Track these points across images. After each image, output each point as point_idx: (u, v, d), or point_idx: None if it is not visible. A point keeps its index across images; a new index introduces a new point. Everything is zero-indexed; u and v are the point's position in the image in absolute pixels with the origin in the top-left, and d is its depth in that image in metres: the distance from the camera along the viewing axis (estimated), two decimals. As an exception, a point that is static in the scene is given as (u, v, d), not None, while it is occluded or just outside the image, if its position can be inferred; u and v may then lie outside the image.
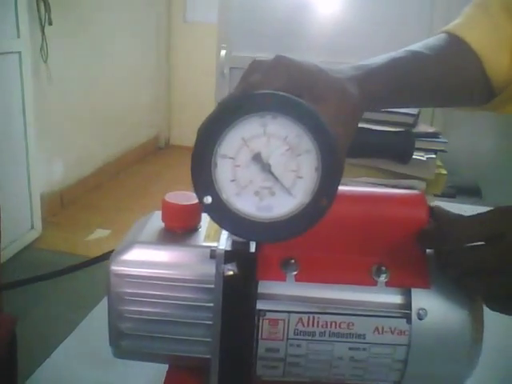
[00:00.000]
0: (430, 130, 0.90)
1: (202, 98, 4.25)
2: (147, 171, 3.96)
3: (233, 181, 0.32)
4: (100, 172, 3.45)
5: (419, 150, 0.84)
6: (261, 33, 2.15)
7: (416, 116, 0.87)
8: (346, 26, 2.06)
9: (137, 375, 0.51)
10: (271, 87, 0.34)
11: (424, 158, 0.83)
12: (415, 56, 0.46)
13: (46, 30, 2.58)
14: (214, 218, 0.33)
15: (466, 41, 0.49)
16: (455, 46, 0.49)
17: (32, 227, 2.59)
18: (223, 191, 0.32)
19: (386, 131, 0.41)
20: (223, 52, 2.18)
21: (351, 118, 0.38)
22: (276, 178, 0.32)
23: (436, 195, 0.92)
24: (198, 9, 4.16)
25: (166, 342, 0.43)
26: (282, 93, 0.32)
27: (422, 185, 0.87)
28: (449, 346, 0.42)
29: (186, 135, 4.50)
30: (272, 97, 0.31)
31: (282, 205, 0.32)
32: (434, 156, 0.86)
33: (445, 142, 0.87)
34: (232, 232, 0.35)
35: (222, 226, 0.34)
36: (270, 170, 0.32)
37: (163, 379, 0.47)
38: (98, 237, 2.76)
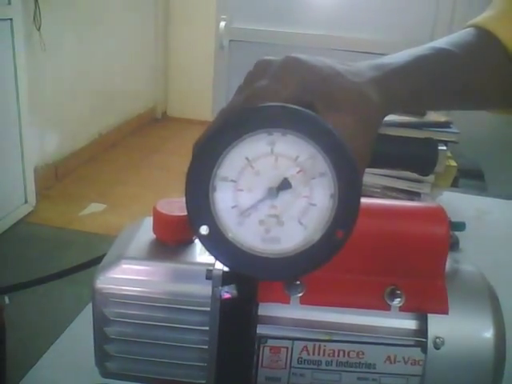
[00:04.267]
0: (442, 119, 0.85)
1: (199, 69, 4.16)
2: (143, 143, 3.89)
3: (234, 207, 0.28)
4: (95, 144, 3.39)
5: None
6: (261, 4, 2.07)
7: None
8: (344, 5, 1.98)
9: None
10: (280, 96, 0.29)
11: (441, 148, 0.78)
12: (442, 54, 0.41)
13: (38, -2, 2.48)
14: (211, 251, 0.28)
15: (498, 37, 0.44)
16: (485, 42, 0.44)
17: (26, 201, 2.55)
18: (223, 220, 0.28)
19: (406, 138, 0.37)
20: (222, 24, 2.10)
21: (372, 128, 0.33)
22: (285, 206, 0.27)
23: (442, 188, 0.88)
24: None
25: (157, 366, 0.39)
26: (293, 106, 0.27)
27: (431, 178, 0.83)
28: (467, 378, 0.38)
29: (184, 107, 4.42)
30: (282, 110, 0.26)
31: (290, 237, 0.28)
32: (444, 148, 0.81)
33: (457, 133, 0.83)
34: (232, 268, 0.31)
35: (221, 260, 0.30)
36: (277, 196, 0.27)
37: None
38: (92, 211, 2.72)
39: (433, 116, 0.86)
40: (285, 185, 0.27)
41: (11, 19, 2.25)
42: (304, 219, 0.28)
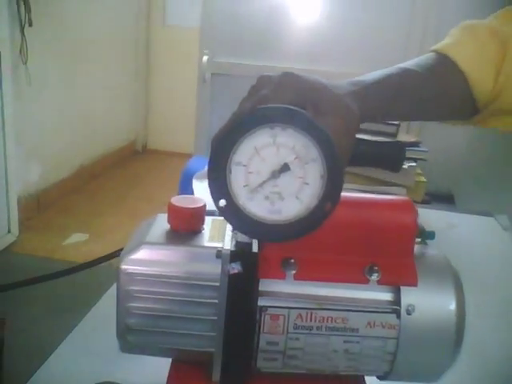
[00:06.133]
0: (411, 139, 0.95)
1: (179, 103, 4.27)
2: (125, 175, 3.95)
3: (245, 186, 0.35)
4: (77, 176, 3.43)
5: (400, 158, 0.88)
6: (242, 39, 2.19)
7: (397, 126, 0.91)
8: (323, 34, 2.11)
9: (139, 370, 0.53)
10: (280, 101, 0.37)
11: (405, 167, 0.87)
12: (407, 73, 0.50)
13: (26, 31, 2.56)
14: (228, 219, 0.36)
15: (454, 60, 0.53)
16: (444, 64, 0.53)
17: (9, 231, 2.57)
18: (237, 195, 0.35)
19: (380, 142, 0.45)
20: (205, 58, 2.21)
21: (351, 129, 0.41)
22: (285, 185, 0.35)
23: (415, 201, 0.97)
24: (178, 13, 4.18)
25: (172, 337, 0.45)
26: (290, 107, 0.35)
27: (403, 192, 0.92)
28: (434, 339, 0.45)
29: (163, 140, 4.51)
30: (282, 110, 0.35)
31: (290, 208, 0.36)
32: (414, 164, 0.91)
33: (425, 151, 0.92)
34: (244, 232, 0.38)
35: (235, 226, 0.37)
36: (279, 177, 0.35)
37: (164, 375, 0.49)
38: (75, 241, 2.75)
39: (404, 137, 0.95)
40: (285, 168, 0.35)
41: (-1, 52, 2.32)
42: (300, 195, 0.36)
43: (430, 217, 1.10)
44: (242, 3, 2.16)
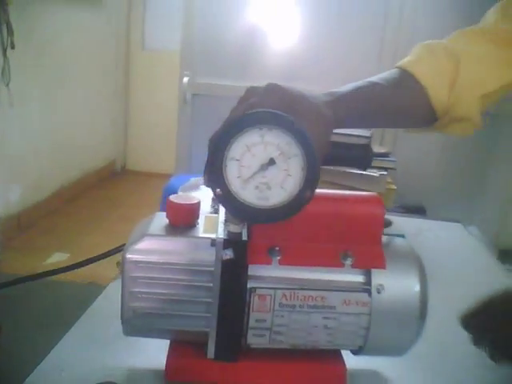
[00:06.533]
0: (382, 150, 1.03)
1: (158, 124, 4.34)
2: (104, 196, 3.97)
3: (239, 177, 0.42)
4: (57, 196, 3.45)
5: (372, 167, 0.96)
6: (222, 61, 2.27)
7: (370, 138, 0.99)
8: (299, 55, 2.21)
9: (140, 355, 0.59)
10: (266, 107, 0.44)
11: (377, 175, 0.95)
12: (374, 86, 0.58)
13: (8, 54, 2.61)
14: (224, 205, 0.42)
15: (415, 75, 0.62)
16: (406, 79, 0.62)
17: (-10, 251, 2.57)
18: (231, 185, 0.42)
19: (351, 144, 0.52)
20: (186, 79, 2.28)
21: (326, 132, 0.49)
22: (271, 176, 0.42)
23: (386, 208, 1.05)
24: (157, 36, 4.27)
25: (171, 318, 0.51)
26: (276, 111, 0.42)
27: (375, 198, 0.99)
28: (401, 315, 0.52)
29: (142, 161, 4.56)
30: (269, 114, 0.42)
31: (276, 196, 0.42)
32: (385, 173, 0.99)
33: (394, 161, 1.00)
34: (238, 216, 0.45)
35: (230, 211, 0.44)
36: (267, 170, 0.42)
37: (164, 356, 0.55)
38: (56, 260, 2.76)
39: (376, 148, 1.03)
40: (271, 162, 0.42)
41: (-19, 75, 2.36)
42: (284, 184, 0.42)
43: (401, 223, 1.18)
44: (221, 26, 2.25)
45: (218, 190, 0.41)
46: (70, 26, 3.41)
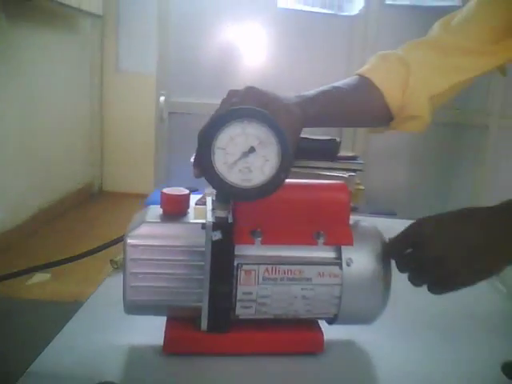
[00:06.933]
0: (350, 154, 1.12)
1: (133, 146, 4.40)
2: (82, 217, 3.99)
3: (225, 163, 0.50)
4: (35, 219, 3.46)
5: (342, 169, 1.05)
6: (197, 80, 2.36)
7: (339, 143, 1.08)
8: (270, 72, 2.31)
9: (138, 335, 0.65)
10: (246, 105, 0.52)
11: (346, 176, 1.04)
12: (337, 90, 0.67)
13: (-16, 79, 2.65)
14: (213, 186, 0.50)
15: (372, 80, 0.71)
16: (365, 83, 0.71)
17: (-30, 273, 2.57)
18: (219, 170, 0.50)
19: (319, 139, 0.61)
20: (162, 98, 2.36)
21: (295, 127, 0.57)
22: (252, 162, 0.50)
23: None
24: (130, 60, 4.35)
25: (168, 295, 0.58)
26: (255, 107, 0.50)
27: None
28: (368, 285, 0.60)
29: (119, 182, 4.60)
30: (249, 110, 0.50)
31: (256, 178, 0.50)
32: (354, 174, 1.08)
33: (362, 164, 1.09)
34: (225, 195, 0.53)
35: (219, 191, 0.51)
36: (248, 156, 0.50)
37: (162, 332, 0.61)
38: (38, 281, 2.77)
39: (344, 152, 1.12)
40: (251, 150, 0.50)
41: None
42: (263, 168, 0.50)
43: (371, 222, 1.27)
44: (195, 46, 2.35)
45: (207, 174, 0.49)
46: (46, 51, 3.47)
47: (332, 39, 2.27)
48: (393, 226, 1.25)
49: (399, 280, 0.62)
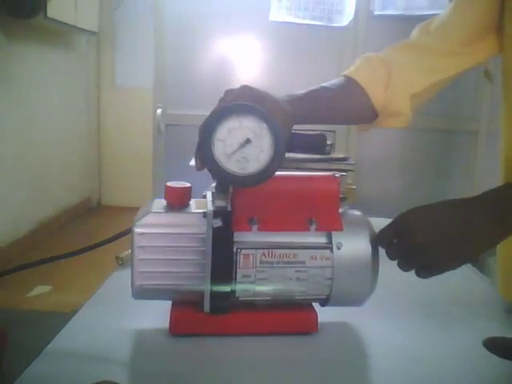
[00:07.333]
0: (341, 155, 1.17)
1: (130, 160, 4.46)
2: (81, 231, 4.03)
3: (224, 154, 0.55)
4: (35, 233, 3.50)
5: (334, 170, 1.10)
6: (192, 92, 2.43)
7: (331, 145, 1.14)
8: (265, 83, 2.37)
9: (145, 320, 0.70)
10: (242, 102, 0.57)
11: (338, 176, 1.09)
12: (325, 90, 0.74)
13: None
14: (213, 174, 0.56)
15: (356, 80, 0.77)
16: (350, 83, 0.77)
17: (-29, 287, 2.61)
18: (218, 159, 0.55)
19: (309, 134, 0.66)
20: (159, 111, 2.43)
21: (286, 122, 0.63)
22: (249, 152, 0.55)
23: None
24: (127, 74, 4.43)
25: (173, 279, 0.63)
26: (250, 103, 0.56)
27: (338, 196, 1.13)
28: (358, 268, 0.65)
29: (117, 196, 4.65)
30: (245, 106, 0.55)
31: (252, 167, 0.56)
32: (345, 174, 1.13)
33: (353, 164, 1.14)
34: (224, 182, 0.58)
35: (219, 179, 0.57)
36: (245, 147, 0.55)
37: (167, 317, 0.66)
38: (39, 293, 2.81)
39: (336, 154, 1.18)
40: (248, 141, 0.56)
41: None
42: (259, 158, 0.56)
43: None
44: (191, 59, 2.42)
45: (208, 164, 0.55)
46: (43, 67, 3.54)
47: (322, 50, 2.34)
48: (379, 224, 1.31)
49: (387, 266, 0.67)
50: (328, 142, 1.10)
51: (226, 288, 0.63)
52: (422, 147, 2.42)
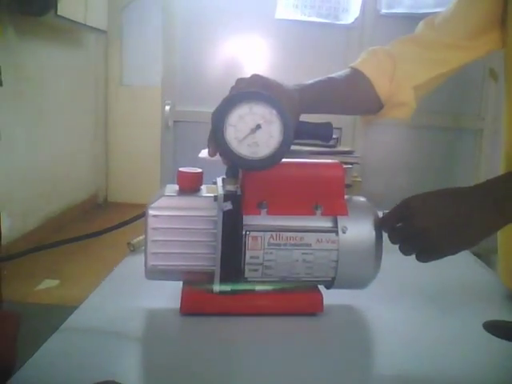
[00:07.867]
0: (347, 148, 1.20)
1: (137, 157, 4.49)
2: (88, 227, 4.05)
3: (235, 138, 0.58)
4: (43, 228, 3.54)
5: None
6: (200, 89, 2.45)
7: (337, 139, 1.16)
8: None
9: (157, 301, 0.72)
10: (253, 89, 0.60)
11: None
12: (331, 80, 0.76)
13: (-4, 91, 2.75)
14: (226, 158, 0.58)
15: (363, 72, 0.80)
16: (356, 75, 0.80)
17: (-20, 280, 2.64)
18: (230, 144, 0.58)
19: (315, 122, 0.69)
20: (167, 107, 2.45)
21: (294, 109, 0.66)
22: (259, 137, 0.58)
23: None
24: (134, 72, 4.46)
25: (184, 259, 0.66)
26: (260, 91, 0.58)
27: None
28: (362, 251, 0.67)
29: (124, 193, 4.69)
30: (255, 93, 0.58)
31: (262, 151, 0.59)
32: (350, 166, 1.16)
33: (358, 157, 1.17)
34: (236, 165, 0.61)
35: (231, 162, 0.60)
36: (255, 133, 0.58)
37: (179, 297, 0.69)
38: (46, 287, 2.84)
39: (342, 147, 1.21)
40: (258, 127, 0.58)
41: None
42: (268, 143, 0.58)
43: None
44: (200, 56, 2.45)
45: (220, 148, 0.57)
46: (52, 64, 3.58)
47: (328, 48, 2.36)
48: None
49: (391, 251, 0.69)
50: (334, 136, 1.13)
51: (235, 269, 0.66)
52: (426, 145, 2.44)
